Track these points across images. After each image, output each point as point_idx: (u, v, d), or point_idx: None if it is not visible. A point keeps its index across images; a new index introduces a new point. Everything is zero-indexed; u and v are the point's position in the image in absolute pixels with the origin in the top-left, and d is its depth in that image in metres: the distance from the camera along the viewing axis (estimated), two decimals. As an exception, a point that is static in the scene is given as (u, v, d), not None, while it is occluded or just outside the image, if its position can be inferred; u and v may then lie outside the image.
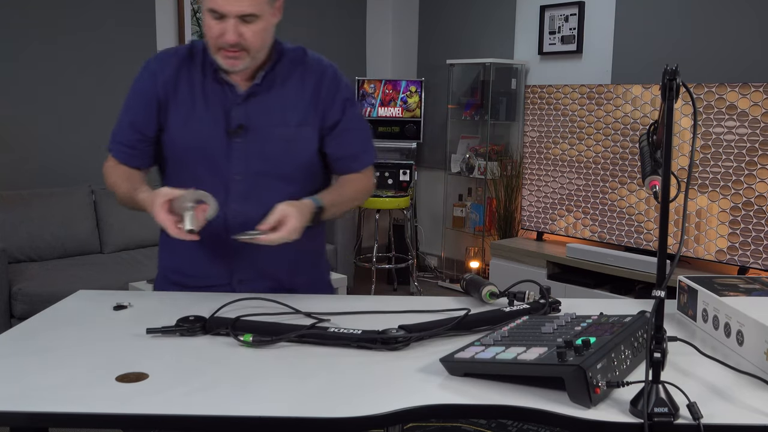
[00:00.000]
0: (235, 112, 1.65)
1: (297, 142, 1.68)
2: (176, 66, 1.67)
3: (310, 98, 1.69)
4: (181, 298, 1.66)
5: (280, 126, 1.67)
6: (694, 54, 4.02)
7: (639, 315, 1.34)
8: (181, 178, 1.67)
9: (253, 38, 1.56)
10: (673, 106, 1.11)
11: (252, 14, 1.53)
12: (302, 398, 1.12)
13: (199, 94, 1.66)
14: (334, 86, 1.72)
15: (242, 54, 1.57)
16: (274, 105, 1.67)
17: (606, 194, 4.20)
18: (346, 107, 1.73)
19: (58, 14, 4.25)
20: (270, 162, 1.67)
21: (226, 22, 1.53)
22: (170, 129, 1.67)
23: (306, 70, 1.71)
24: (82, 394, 1.13)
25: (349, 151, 1.76)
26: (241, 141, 1.65)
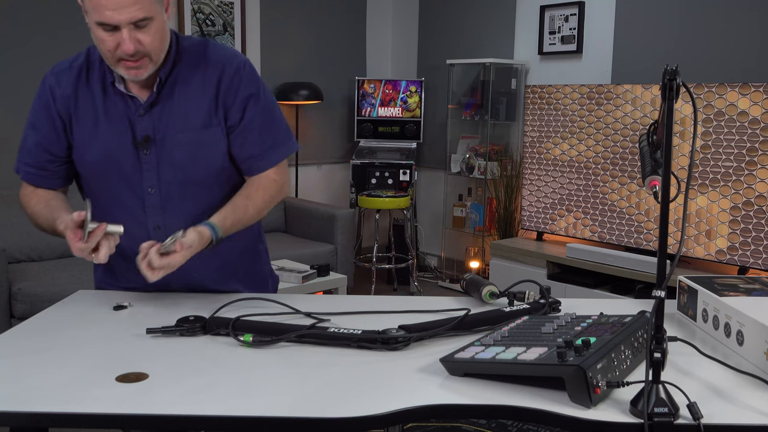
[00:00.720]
0: (140, 123, 1.59)
1: (205, 146, 1.61)
2: (73, 81, 1.60)
3: (212, 97, 1.61)
4: (181, 298, 1.66)
5: (186, 131, 1.60)
6: (694, 54, 4.02)
7: (639, 315, 1.34)
8: (97, 194, 1.64)
9: (152, 42, 1.48)
10: (673, 106, 1.11)
11: (144, 18, 1.45)
12: (302, 398, 1.12)
13: (101, 109, 1.59)
14: (236, 82, 1.62)
15: (144, 61, 1.49)
16: (177, 110, 1.60)
17: (606, 194, 4.20)
18: (249, 104, 1.64)
19: (58, 14, 4.25)
20: (181, 170, 1.61)
21: (119, 32, 1.44)
22: (76, 147, 1.62)
23: (208, 67, 1.61)
24: (82, 394, 1.13)
25: (253, 151, 1.66)
26: (149, 152, 1.59)
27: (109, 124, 1.59)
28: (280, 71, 5.27)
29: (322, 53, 5.54)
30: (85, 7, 1.46)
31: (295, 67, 5.36)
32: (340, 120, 5.70)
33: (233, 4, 4.97)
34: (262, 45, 5.18)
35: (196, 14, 4.80)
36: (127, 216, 1.62)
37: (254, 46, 5.14)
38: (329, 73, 5.57)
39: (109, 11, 1.42)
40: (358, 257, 5.07)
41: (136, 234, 1.61)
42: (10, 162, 4.57)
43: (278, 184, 1.71)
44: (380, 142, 5.46)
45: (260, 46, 5.17)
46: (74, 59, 1.63)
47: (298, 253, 4.44)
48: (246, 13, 5.07)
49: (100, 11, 1.42)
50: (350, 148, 5.67)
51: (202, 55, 1.63)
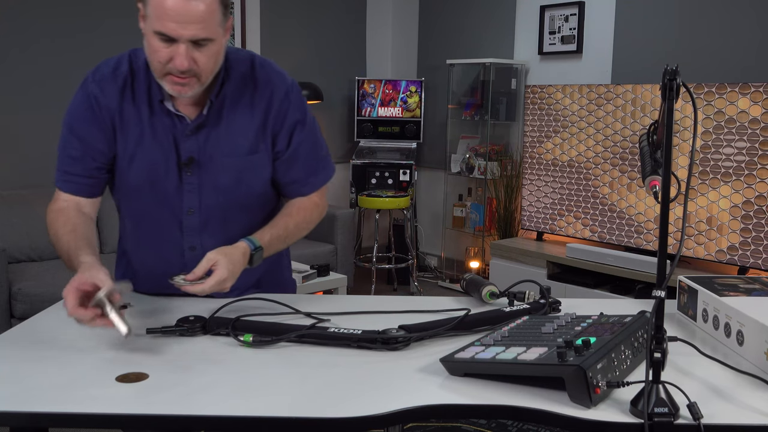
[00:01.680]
0: (185, 144, 1.54)
1: (250, 171, 1.59)
2: (118, 93, 1.53)
3: (260, 124, 1.58)
4: (182, 299, 1.66)
5: (232, 156, 1.57)
6: (694, 54, 4.02)
7: (639, 315, 1.34)
8: (133, 211, 1.61)
9: (206, 63, 1.43)
10: (673, 106, 1.11)
11: (205, 39, 1.39)
12: (302, 398, 1.12)
13: (147, 126, 1.54)
14: (285, 107, 1.59)
15: (192, 80, 1.43)
16: (224, 133, 1.56)
17: (606, 194, 4.20)
18: (296, 131, 1.61)
19: (58, 14, 4.25)
20: (223, 194, 1.59)
21: (177, 46, 1.39)
22: (118, 162, 1.57)
23: (255, 90, 1.57)
24: (82, 394, 1.13)
25: (298, 176, 1.66)
26: (192, 174, 1.56)
27: (154, 142, 1.54)
28: (280, 71, 5.26)
29: (322, 53, 5.54)
30: (146, 13, 1.41)
31: (295, 67, 5.36)
32: (340, 120, 5.70)
33: (233, 4, 4.97)
34: (262, 45, 5.18)
35: (196, 14, 4.80)
36: (161, 235, 1.61)
37: (254, 46, 5.14)
38: (329, 73, 5.57)
39: (173, 23, 1.36)
40: (358, 257, 5.07)
41: (169, 254, 1.60)
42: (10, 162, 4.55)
43: (320, 208, 1.72)
44: (380, 142, 5.46)
45: (260, 46, 5.17)
46: (116, 66, 1.55)
47: (298, 253, 4.44)
48: (246, 13, 5.07)
49: (163, 21, 1.37)
50: (350, 148, 5.67)
51: (250, 74, 1.58)
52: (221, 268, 1.43)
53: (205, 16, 1.38)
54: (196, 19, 1.37)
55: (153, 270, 1.64)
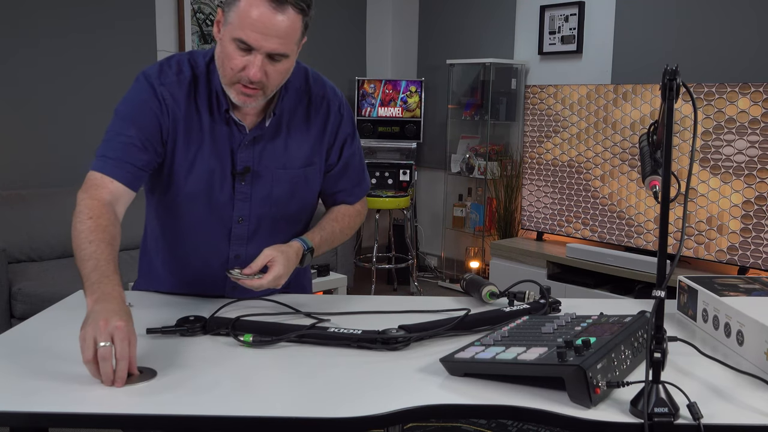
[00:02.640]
0: (242, 153, 1.56)
1: (302, 184, 1.63)
2: (185, 99, 1.52)
3: (315, 138, 1.62)
4: (182, 298, 1.66)
5: (287, 168, 1.60)
6: (694, 54, 4.02)
7: (639, 315, 1.34)
8: (182, 216, 1.60)
9: (276, 78, 1.44)
10: (673, 106, 1.11)
11: (283, 54, 1.41)
12: (302, 398, 1.12)
13: (207, 133, 1.54)
14: (338, 123, 1.64)
15: (258, 92, 1.45)
16: (280, 146, 1.58)
17: (606, 194, 4.20)
18: (346, 144, 1.67)
19: (58, 14, 4.25)
20: (275, 205, 1.61)
21: (253, 56, 1.39)
22: (175, 167, 1.55)
23: (311, 104, 1.61)
24: (82, 394, 1.13)
25: (344, 186, 1.72)
26: (245, 183, 1.57)
27: (214, 149, 1.54)
28: (280, 71, 5.26)
29: (322, 53, 5.53)
30: (227, 19, 1.40)
31: (295, 67, 5.35)
32: (340, 120, 5.69)
33: (233, 4, 4.97)
34: (262, 45, 5.18)
35: (196, 14, 4.80)
36: (209, 241, 1.61)
37: (254, 46, 5.14)
38: (329, 73, 5.53)
39: (255, 33, 1.37)
40: (358, 257, 5.07)
41: (214, 260, 1.61)
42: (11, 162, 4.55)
43: (362, 216, 1.77)
44: (380, 142, 5.46)
45: (260, 46, 5.17)
46: (179, 70, 1.53)
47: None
48: (246, 13, 5.06)
49: (245, 29, 1.37)
50: (350, 148, 5.67)
51: (305, 88, 1.61)
52: (278, 264, 1.47)
53: (287, 32, 1.40)
54: (278, 33, 1.38)
55: (191, 273, 1.65)
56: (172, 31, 4.73)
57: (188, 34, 4.78)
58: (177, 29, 4.74)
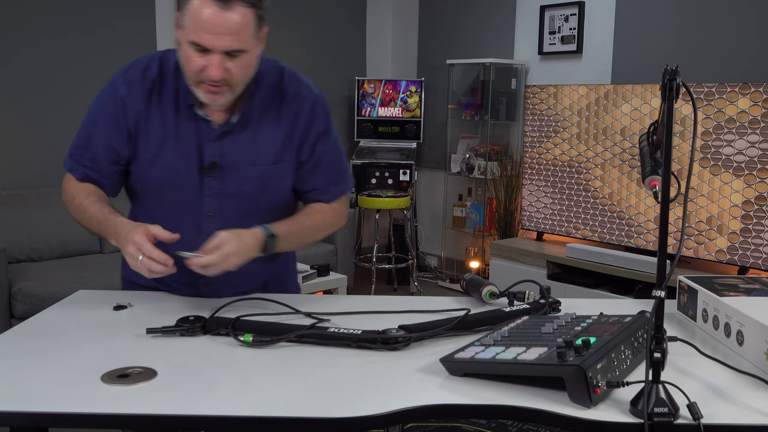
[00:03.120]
0: (209, 149, 1.56)
1: (272, 180, 1.62)
2: (146, 95, 1.56)
3: (285, 135, 1.61)
4: (182, 298, 1.66)
5: (256, 164, 1.59)
6: (694, 54, 4.02)
7: (639, 315, 1.34)
8: (151, 214, 1.61)
9: (238, 73, 1.47)
10: (673, 106, 1.11)
11: (240, 50, 1.44)
12: (302, 398, 1.12)
13: (171, 129, 1.56)
14: (310, 119, 1.63)
15: (225, 89, 1.47)
16: (249, 142, 1.58)
17: (606, 194, 4.20)
18: (319, 141, 1.65)
19: (58, 14, 4.25)
20: (245, 201, 1.60)
21: (211, 56, 1.42)
22: (139, 163, 1.58)
23: (283, 102, 1.61)
24: (82, 394, 1.13)
25: (318, 184, 1.70)
26: (214, 179, 1.58)
27: (178, 145, 1.56)
28: (280, 71, 5.26)
29: (322, 53, 5.54)
30: (182, 23, 1.44)
31: (295, 67, 5.34)
32: (340, 120, 5.70)
33: (233, 4, 4.97)
34: (262, 45, 5.18)
35: (196, 14, 4.80)
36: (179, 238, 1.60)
37: (254, 46, 5.14)
38: (329, 73, 5.57)
39: (207, 35, 1.40)
40: (358, 257, 5.07)
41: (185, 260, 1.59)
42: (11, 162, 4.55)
43: (339, 214, 1.75)
44: (380, 142, 5.46)
45: (260, 46, 5.17)
46: (146, 68, 1.58)
47: (298, 253, 4.43)
48: (246, 13, 5.06)
49: (198, 32, 1.40)
50: (350, 148, 5.67)
51: (278, 86, 1.62)
52: (228, 244, 1.45)
53: (239, 28, 1.42)
54: (230, 30, 1.40)
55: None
56: (172, 31, 4.73)
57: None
58: (177, 29, 4.74)
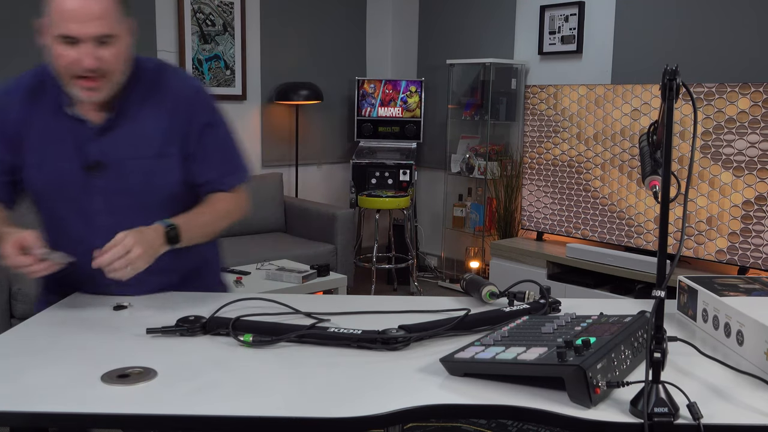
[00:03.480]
0: (91, 148, 1.57)
1: (158, 174, 1.62)
2: (23, 103, 1.58)
3: (167, 127, 1.61)
4: (181, 298, 1.67)
5: (139, 159, 1.59)
6: (694, 54, 4.02)
7: (639, 315, 1.34)
8: (47, 218, 1.64)
9: (111, 61, 1.47)
10: (673, 106, 1.11)
11: (108, 35, 1.45)
12: (302, 398, 1.12)
13: (53, 132, 1.57)
14: (191, 111, 1.63)
15: (101, 82, 1.48)
16: (130, 137, 1.59)
17: (606, 194, 4.20)
18: (205, 132, 1.65)
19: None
20: (132, 196, 1.61)
21: (81, 47, 1.44)
22: (27, 170, 1.60)
23: (162, 94, 1.61)
24: (82, 394, 1.13)
25: (210, 177, 1.69)
26: (99, 177, 1.58)
27: (59, 147, 1.58)
28: (280, 71, 5.27)
29: (322, 53, 5.54)
30: (47, 22, 1.46)
31: (295, 67, 5.36)
32: (340, 120, 5.70)
33: (233, 4, 4.97)
34: (262, 45, 5.19)
35: (196, 14, 4.80)
36: (72, 237, 1.62)
37: (254, 46, 5.14)
38: (329, 73, 5.57)
39: (74, 24, 1.42)
40: (358, 257, 5.07)
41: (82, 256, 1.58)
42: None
43: (239, 200, 1.74)
44: (380, 142, 5.46)
45: (260, 46, 5.17)
46: (21, 81, 1.61)
47: (298, 253, 4.44)
48: (246, 13, 5.07)
49: (64, 23, 1.42)
50: (350, 148, 5.67)
51: (157, 80, 1.62)
52: (128, 237, 1.45)
53: (103, 13, 1.44)
54: (94, 16, 1.43)
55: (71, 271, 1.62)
56: (172, 31, 4.74)
57: (188, 34, 4.78)
58: (177, 29, 4.74)
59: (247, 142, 5.17)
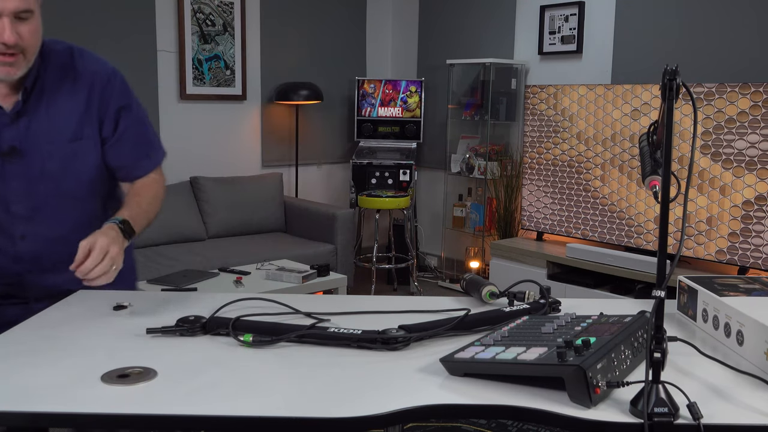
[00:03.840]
0: (5, 134, 1.55)
1: (76, 158, 1.61)
2: None
3: (82, 110, 1.60)
4: (181, 298, 1.67)
5: (55, 143, 1.58)
6: (694, 54, 4.02)
7: (639, 315, 1.34)
8: None
9: (30, 38, 1.47)
10: (673, 106, 1.11)
11: (27, 10, 1.45)
12: (302, 398, 1.12)
13: None
14: (107, 95, 1.63)
15: (19, 57, 1.47)
16: (46, 121, 1.57)
17: (606, 194, 4.20)
18: (122, 116, 1.66)
19: (57, 14, 4.25)
20: (51, 182, 1.59)
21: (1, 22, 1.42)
22: None
23: (76, 77, 1.60)
24: (82, 394, 1.13)
25: (128, 160, 1.69)
26: (15, 164, 1.56)
27: None
28: (280, 71, 5.27)
29: (322, 53, 5.54)
30: None
31: (295, 67, 5.36)
32: (340, 120, 5.70)
33: (233, 4, 4.97)
34: (262, 45, 5.18)
35: (196, 14, 4.80)
36: None
37: (254, 46, 5.14)
38: (329, 73, 5.57)
39: None
40: (358, 257, 5.07)
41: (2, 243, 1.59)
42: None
43: (160, 182, 1.75)
44: (380, 142, 5.46)
45: (260, 46, 5.17)
46: None
47: (298, 253, 4.44)
48: (246, 13, 5.07)
49: None
50: (350, 148, 5.67)
51: (70, 64, 1.61)
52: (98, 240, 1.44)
53: None
54: None
55: None
56: (172, 31, 4.73)
57: (188, 34, 4.78)
58: (177, 29, 4.74)
59: (247, 142, 5.18)
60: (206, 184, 4.76)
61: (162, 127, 4.69)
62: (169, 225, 4.47)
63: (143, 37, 4.59)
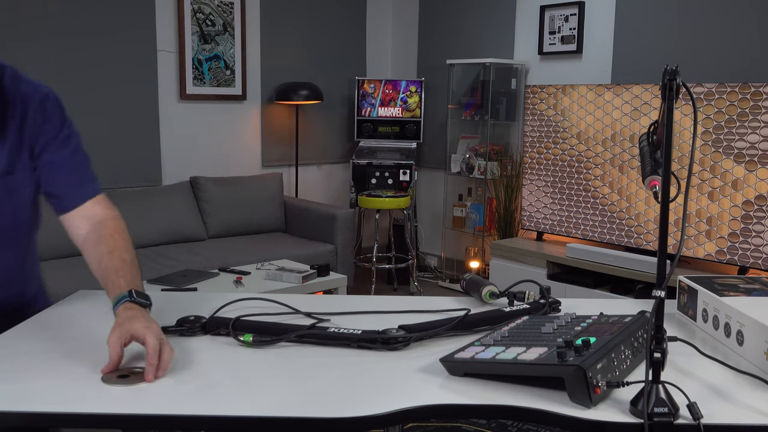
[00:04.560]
0: None
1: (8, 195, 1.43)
2: None
3: (13, 144, 1.42)
4: (181, 298, 1.66)
5: None
6: (694, 54, 4.02)
7: (639, 315, 1.34)
8: None
9: None
10: (673, 106, 1.11)
11: None
12: (302, 398, 1.12)
13: None
14: (41, 120, 1.45)
15: None
16: None
17: (606, 194, 4.20)
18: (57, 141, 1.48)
19: (58, 15, 4.25)
20: None
21: None
22: None
23: (7, 106, 1.41)
24: (82, 394, 1.13)
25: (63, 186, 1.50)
26: None
27: None
28: (280, 71, 5.27)
29: (322, 53, 5.54)
30: None
31: (295, 67, 5.36)
32: (340, 120, 5.70)
33: (233, 4, 4.97)
34: (262, 45, 5.18)
35: (196, 14, 4.80)
36: None
37: (254, 46, 5.14)
38: (329, 73, 5.57)
39: None
40: (358, 257, 5.07)
41: None
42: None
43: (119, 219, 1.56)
44: (380, 142, 5.46)
45: (260, 46, 5.17)
46: None
47: (298, 253, 4.44)
48: (246, 13, 5.07)
49: None
50: (350, 148, 5.67)
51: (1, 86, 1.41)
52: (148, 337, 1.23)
53: None
54: None
55: None
56: (172, 31, 4.73)
57: (188, 34, 4.78)
58: (177, 29, 4.74)
59: (247, 142, 5.18)
60: (206, 184, 4.76)
61: (162, 127, 4.69)
62: (169, 225, 4.48)
63: (143, 37, 4.59)
